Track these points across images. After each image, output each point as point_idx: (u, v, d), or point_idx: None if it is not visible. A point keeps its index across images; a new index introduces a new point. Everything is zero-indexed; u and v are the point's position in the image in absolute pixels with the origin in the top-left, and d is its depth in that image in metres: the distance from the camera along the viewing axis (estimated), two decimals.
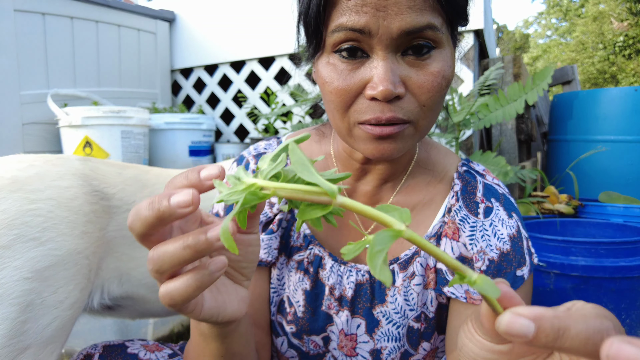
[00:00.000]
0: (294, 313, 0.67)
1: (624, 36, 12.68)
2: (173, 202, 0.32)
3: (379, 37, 0.49)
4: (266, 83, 2.64)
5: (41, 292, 0.64)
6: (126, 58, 2.60)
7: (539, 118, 3.09)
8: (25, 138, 2.07)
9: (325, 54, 0.54)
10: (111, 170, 0.84)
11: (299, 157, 0.28)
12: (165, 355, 0.74)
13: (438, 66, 0.51)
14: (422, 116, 0.53)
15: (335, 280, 0.66)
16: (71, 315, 0.69)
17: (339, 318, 0.66)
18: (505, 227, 0.62)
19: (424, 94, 0.51)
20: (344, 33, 0.50)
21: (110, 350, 0.71)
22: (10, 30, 1.99)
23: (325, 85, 0.53)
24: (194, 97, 2.94)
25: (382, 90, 0.48)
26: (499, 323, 0.29)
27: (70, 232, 0.69)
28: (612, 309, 1.29)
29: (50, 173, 0.72)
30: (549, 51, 18.52)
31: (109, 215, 0.79)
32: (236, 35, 2.68)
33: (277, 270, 0.68)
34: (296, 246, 0.68)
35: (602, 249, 1.30)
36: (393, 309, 0.64)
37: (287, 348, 0.70)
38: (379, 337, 0.65)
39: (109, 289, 0.82)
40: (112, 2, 2.46)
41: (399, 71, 0.50)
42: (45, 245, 0.65)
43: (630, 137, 2.23)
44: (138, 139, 2.11)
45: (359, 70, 0.51)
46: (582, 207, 1.82)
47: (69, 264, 0.68)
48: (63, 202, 0.70)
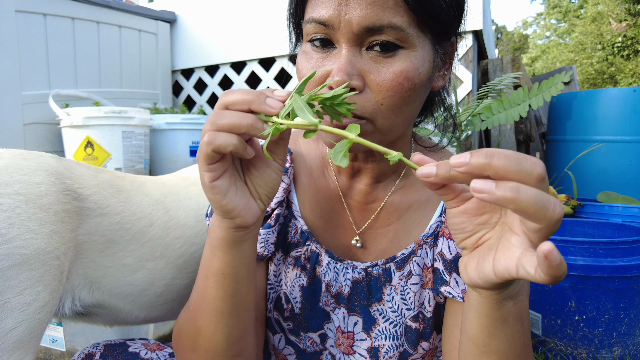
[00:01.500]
0: (291, 309, 0.67)
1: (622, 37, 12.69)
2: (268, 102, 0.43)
3: (341, 30, 0.51)
4: (267, 83, 2.65)
5: (3, 293, 0.59)
6: (127, 59, 2.60)
7: (537, 118, 3.10)
8: (27, 138, 2.08)
9: (303, 43, 0.57)
10: (86, 172, 0.80)
11: (298, 103, 0.42)
12: (166, 354, 0.74)
13: (401, 66, 0.51)
14: (381, 115, 0.52)
15: (332, 277, 0.66)
16: (40, 319, 0.65)
17: (336, 315, 0.66)
18: None
19: (382, 92, 0.51)
20: (312, 25, 0.53)
21: (111, 350, 0.71)
22: (11, 31, 2.00)
23: (298, 72, 0.57)
24: (195, 98, 2.95)
25: (336, 81, 0.49)
26: (417, 173, 0.39)
27: (39, 230, 0.65)
28: (611, 308, 1.30)
29: (20, 167, 0.68)
30: (548, 52, 18.54)
31: (80, 217, 0.74)
32: (237, 36, 2.68)
33: (274, 266, 0.69)
34: (293, 242, 0.68)
35: (600, 249, 1.30)
36: (390, 307, 0.65)
37: (285, 345, 0.70)
38: (376, 335, 0.65)
39: (79, 296, 0.77)
40: (113, 3, 2.46)
41: (359, 65, 0.51)
42: (11, 242, 0.61)
43: (629, 137, 2.24)
44: (139, 139, 2.12)
45: (325, 60, 0.54)
46: (580, 207, 1.82)
47: (36, 264, 0.63)
48: (32, 198, 0.66)
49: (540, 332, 1.42)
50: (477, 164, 0.34)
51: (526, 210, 0.33)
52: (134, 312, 0.87)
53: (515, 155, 0.34)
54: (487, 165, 0.34)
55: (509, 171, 0.34)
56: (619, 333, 1.31)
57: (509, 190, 0.33)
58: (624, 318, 1.31)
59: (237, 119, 0.42)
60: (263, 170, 0.49)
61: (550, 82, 1.46)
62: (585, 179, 2.28)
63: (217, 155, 0.44)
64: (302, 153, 0.71)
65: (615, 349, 1.32)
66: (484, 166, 0.34)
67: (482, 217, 0.43)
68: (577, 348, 1.34)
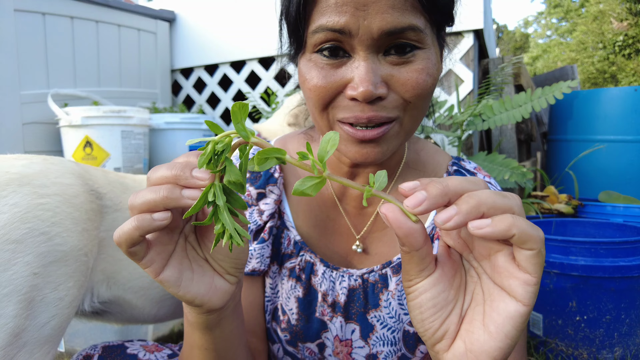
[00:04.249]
0: (287, 321, 0.66)
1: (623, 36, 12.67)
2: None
3: (360, 37, 0.48)
4: (266, 83, 2.64)
5: (42, 289, 0.62)
6: (126, 58, 2.60)
7: (538, 118, 3.09)
8: (26, 138, 2.07)
9: (307, 53, 0.53)
10: (98, 173, 0.86)
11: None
12: (165, 355, 0.74)
13: (422, 64, 0.50)
14: (408, 114, 0.52)
15: (328, 286, 0.65)
16: (69, 313, 0.68)
17: (333, 324, 0.65)
18: None
19: (409, 91, 0.50)
20: (324, 34, 0.49)
21: (109, 351, 0.71)
22: (10, 30, 1.99)
23: (305, 83, 0.53)
24: (194, 97, 2.94)
25: (363, 92, 0.47)
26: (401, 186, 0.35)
27: (74, 228, 0.69)
28: (612, 308, 1.30)
29: (52, 171, 0.73)
30: (549, 51, 18.51)
31: (101, 215, 0.80)
32: (236, 35, 2.68)
33: (270, 279, 0.68)
34: (287, 253, 0.67)
35: (601, 249, 1.30)
36: (387, 313, 0.64)
37: (283, 355, 0.69)
38: (374, 342, 0.64)
39: (98, 292, 0.81)
40: (113, 2, 2.46)
41: (380, 71, 0.49)
42: (53, 240, 0.65)
43: (630, 136, 2.23)
44: (138, 139, 2.11)
45: (340, 70, 0.51)
46: (582, 207, 1.82)
47: (70, 261, 0.67)
48: (67, 198, 0.71)
49: (541, 332, 1.41)
50: (469, 210, 0.33)
51: (524, 233, 0.32)
52: (145, 307, 0.90)
53: (496, 193, 0.34)
54: (477, 207, 0.33)
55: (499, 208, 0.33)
56: (620, 333, 1.30)
57: (506, 219, 0.32)
58: (625, 318, 1.30)
59: (152, 194, 0.37)
60: (219, 244, 0.42)
61: (555, 87, 1.46)
62: (586, 178, 2.27)
63: (141, 241, 0.39)
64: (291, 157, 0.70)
65: (616, 350, 1.31)
66: (477, 207, 0.33)
67: (456, 278, 0.38)
68: (578, 348, 1.34)
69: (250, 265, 0.66)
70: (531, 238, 0.32)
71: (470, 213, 0.33)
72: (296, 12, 0.50)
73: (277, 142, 0.74)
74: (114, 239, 0.38)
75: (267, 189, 0.67)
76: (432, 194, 0.33)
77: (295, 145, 0.72)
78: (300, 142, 0.72)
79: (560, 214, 1.79)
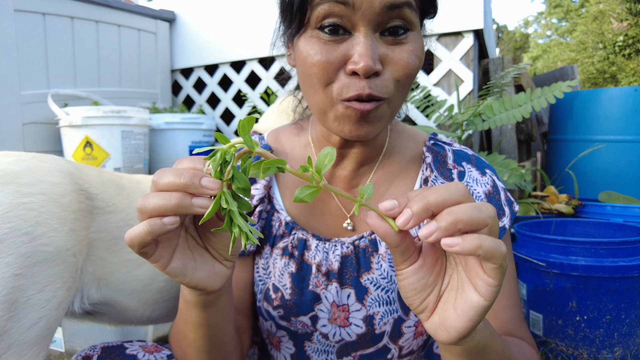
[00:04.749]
0: (281, 297, 0.69)
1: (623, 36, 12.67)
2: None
3: (363, 11, 0.51)
4: (266, 83, 2.64)
5: (27, 290, 0.61)
6: (126, 58, 2.60)
7: (538, 118, 3.09)
8: (26, 138, 2.07)
9: (309, 29, 0.55)
10: (92, 172, 0.83)
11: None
12: (164, 356, 0.74)
13: (413, 46, 0.55)
14: (397, 93, 0.56)
15: (322, 257, 0.68)
16: (57, 315, 0.67)
17: (329, 292, 0.68)
18: (479, 185, 0.67)
19: (400, 70, 0.55)
20: (328, 5, 0.51)
21: (108, 352, 0.71)
22: (10, 30, 2.00)
23: (307, 60, 0.55)
24: (194, 97, 2.94)
25: (364, 66, 0.51)
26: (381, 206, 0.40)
27: (60, 228, 0.67)
28: (612, 308, 1.30)
29: (39, 168, 0.70)
30: (549, 51, 18.51)
31: (92, 216, 0.77)
32: (236, 35, 2.68)
33: (262, 260, 0.71)
34: (279, 234, 0.70)
35: (601, 249, 1.30)
36: (379, 275, 0.67)
37: (276, 329, 0.72)
38: (370, 304, 0.67)
39: (88, 293, 0.79)
40: (113, 2, 2.46)
41: (378, 49, 0.53)
42: (37, 240, 0.63)
43: (630, 136, 2.23)
44: (138, 139, 2.11)
45: (341, 46, 0.54)
46: (581, 207, 1.82)
47: (57, 261, 0.65)
48: (54, 197, 0.68)
49: (541, 332, 1.41)
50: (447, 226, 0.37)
51: (488, 252, 0.37)
52: (139, 309, 0.88)
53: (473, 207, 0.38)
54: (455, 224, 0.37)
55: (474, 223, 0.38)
56: (620, 333, 1.30)
57: (474, 240, 0.37)
58: (625, 318, 1.30)
59: (162, 200, 0.40)
60: (220, 233, 0.47)
61: (554, 87, 1.46)
62: (586, 178, 2.27)
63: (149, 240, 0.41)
64: (285, 150, 0.74)
65: (617, 350, 1.31)
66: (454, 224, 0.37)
67: (437, 266, 0.44)
68: (578, 348, 1.34)
69: None
70: (494, 256, 0.38)
71: (448, 229, 0.37)
72: None
73: (270, 135, 0.77)
74: (126, 241, 0.41)
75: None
76: (416, 212, 0.38)
77: (287, 136, 0.75)
78: (292, 133, 0.76)
79: (560, 214, 1.78)
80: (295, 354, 0.73)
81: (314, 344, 0.71)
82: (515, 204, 0.69)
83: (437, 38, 2.08)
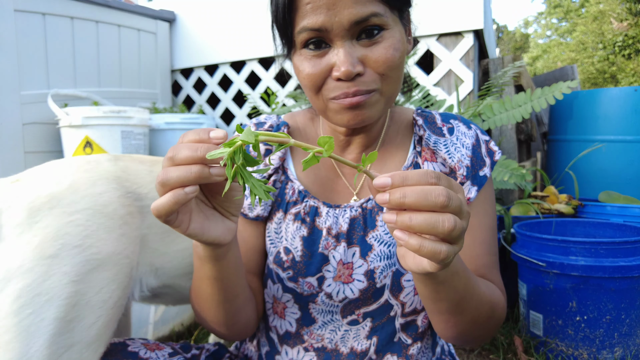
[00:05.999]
0: (292, 259, 0.74)
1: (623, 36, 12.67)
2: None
3: (334, 31, 0.60)
4: (266, 83, 2.65)
5: (85, 293, 0.68)
6: (126, 58, 2.60)
7: (538, 118, 3.09)
8: (26, 138, 2.07)
9: (298, 50, 0.65)
10: (141, 168, 0.87)
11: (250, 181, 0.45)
12: (166, 354, 0.74)
13: (389, 42, 0.62)
14: (384, 84, 0.63)
15: (332, 221, 0.74)
16: (114, 313, 0.72)
17: (337, 251, 0.73)
18: (467, 137, 0.75)
19: (381, 66, 0.61)
20: (307, 33, 0.61)
21: (110, 349, 0.71)
22: (10, 31, 2.00)
23: (300, 74, 0.65)
24: (194, 97, 2.94)
25: (344, 71, 0.59)
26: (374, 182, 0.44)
27: (107, 236, 0.73)
28: (612, 308, 1.30)
29: (82, 181, 0.75)
30: (549, 51, 18.52)
31: (142, 215, 0.82)
32: (236, 36, 2.68)
33: (274, 224, 0.76)
34: (292, 201, 0.76)
35: (601, 249, 1.30)
36: (383, 230, 0.72)
37: (282, 293, 0.76)
38: (372, 259, 0.71)
39: (147, 282, 0.86)
40: (113, 3, 2.46)
41: (356, 53, 0.61)
42: (87, 250, 0.69)
43: (630, 137, 2.23)
44: (138, 139, 2.11)
45: (324, 58, 0.62)
46: (581, 207, 1.82)
47: (109, 265, 0.71)
48: (98, 209, 0.74)
49: (541, 332, 1.42)
50: (401, 225, 0.43)
51: (426, 254, 0.43)
52: None
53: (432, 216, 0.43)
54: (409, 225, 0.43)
55: (424, 229, 0.43)
56: (620, 333, 1.30)
57: (415, 242, 0.43)
58: (625, 318, 1.30)
59: (185, 173, 0.45)
60: (227, 194, 0.53)
61: (555, 87, 1.46)
62: (586, 178, 2.27)
63: (176, 209, 0.47)
64: (299, 127, 0.81)
65: (617, 350, 1.31)
66: (409, 225, 0.43)
67: None
68: (578, 348, 1.34)
69: (255, 211, 0.76)
70: (432, 258, 0.44)
71: (401, 225, 0.44)
72: (283, 19, 0.62)
73: (287, 117, 0.84)
74: (153, 212, 0.47)
75: (273, 146, 0.75)
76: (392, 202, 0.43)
77: (302, 118, 0.83)
78: (305, 117, 0.83)
79: (560, 214, 1.79)
80: (300, 317, 0.77)
81: (319, 305, 0.75)
82: (497, 153, 0.76)
83: (437, 38, 2.08)
